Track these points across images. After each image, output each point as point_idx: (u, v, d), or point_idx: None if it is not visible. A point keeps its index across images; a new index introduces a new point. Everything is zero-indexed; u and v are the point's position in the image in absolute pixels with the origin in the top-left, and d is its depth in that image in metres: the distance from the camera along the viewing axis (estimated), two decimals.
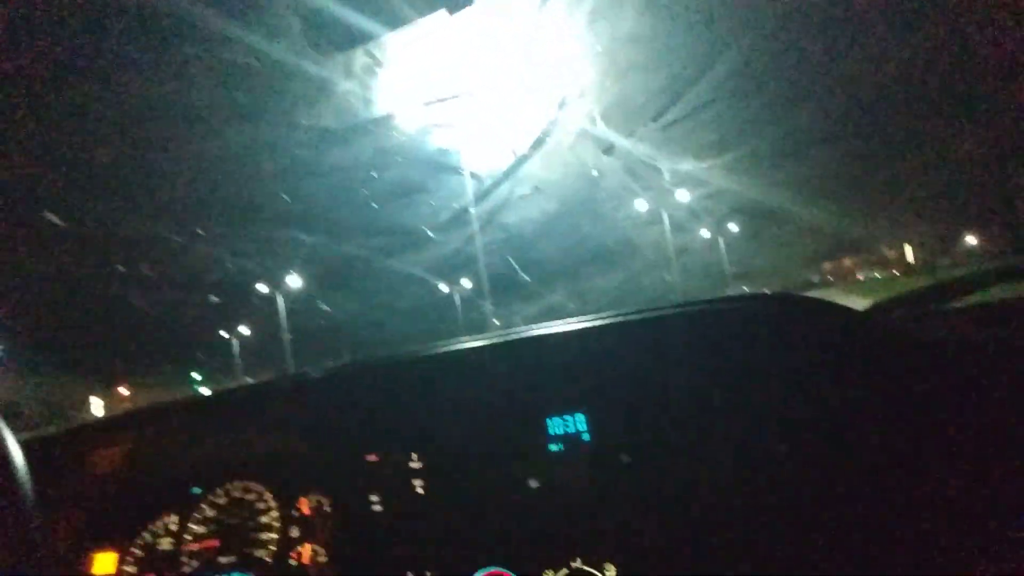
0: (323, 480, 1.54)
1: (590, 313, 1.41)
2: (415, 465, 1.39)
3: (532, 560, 1.26)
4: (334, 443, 1.51)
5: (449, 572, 1.32)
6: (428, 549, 1.35)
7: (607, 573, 1.21)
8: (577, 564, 1.23)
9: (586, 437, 1.29)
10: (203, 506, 1.66)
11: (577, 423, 1.29)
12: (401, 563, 1.36)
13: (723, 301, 1.34)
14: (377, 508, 1.42)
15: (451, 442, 1.39)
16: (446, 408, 1.43)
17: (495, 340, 1.41)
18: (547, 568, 1.24)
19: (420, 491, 1.38)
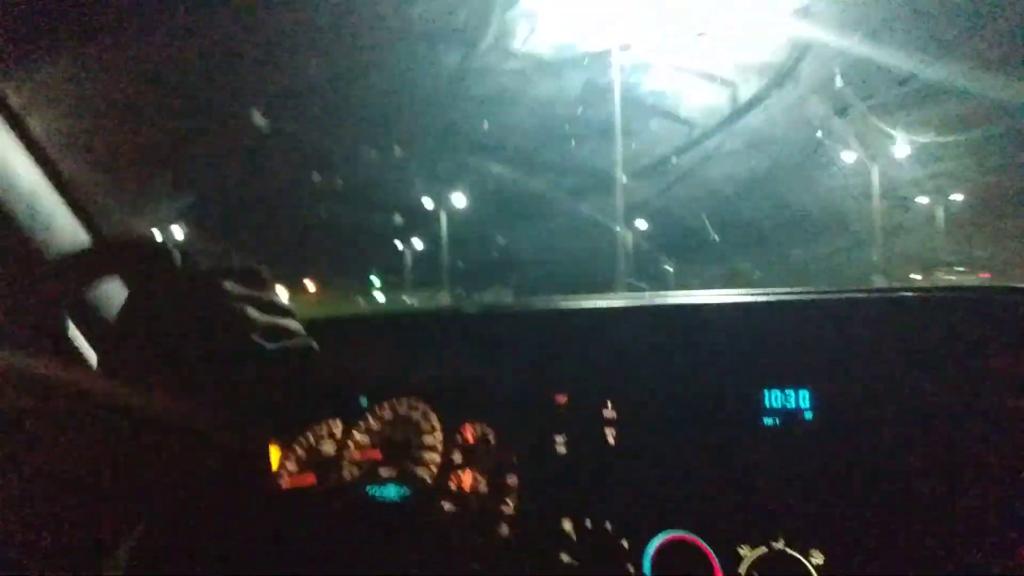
0: (496, 411, 1.50)
1: (777, 285, 1.30)
2: (609, 414, 1.34)
3: (727, 533, 1.19)
4: (517, 378, 1.47)
5: (631, 527, 1.26)
6: (611, 500, 1.30)
7: (813, 559, 1.12)
8: (780, 545, 1.15)
9: (808, 415, 1.19)
10: (368, 417, 1.66)
11: (800, 399, 1.19)
12: (579, 507, 1.32)
13: (974, 291, 1.20)
14: (560, 449, 1.37)
15: (653, 397, 1.32)
16: (652, 362, 1.35)
17: (718, 299, 1.31)
18: (743, 543, 1.17)
19: (611, 441, 1.33)
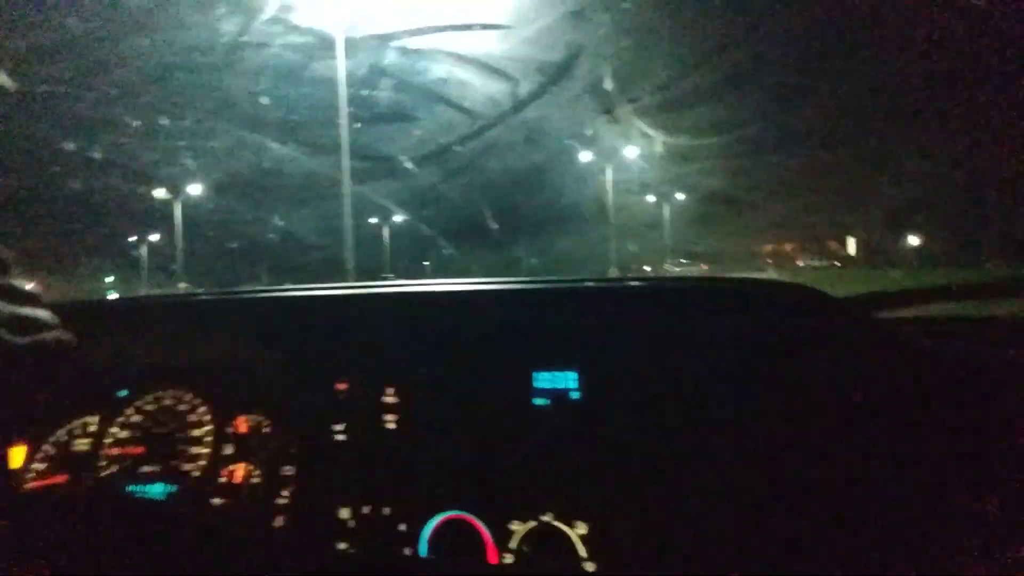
0: (271, 400, 1.45)
1: (549, 272, 1.38)
2: (389, 399, 1.33)
3: (499, 509, 1.24)
4: (295, 365, 1.42)
5: (408, 511, 1.28)
6: (390, 485, 1.30)
7: (577, 530, 1.20)
8: (547, 518, 1.21)
9: (575, 395, 1.26)
10: (128, 410, 1.55)
11: (568, 380, 1.26)
12: (356, 495, 1.31)
13: (725, 281, 1.34)
14: (339, 437, 1.35)
15: (431, 382, 1.33)
16: (429, 346, 1.36)
17: (492, 286, 1.35)
18: (514, 519, 1.22)
19: (390, 426, 1.33)
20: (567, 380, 1.27)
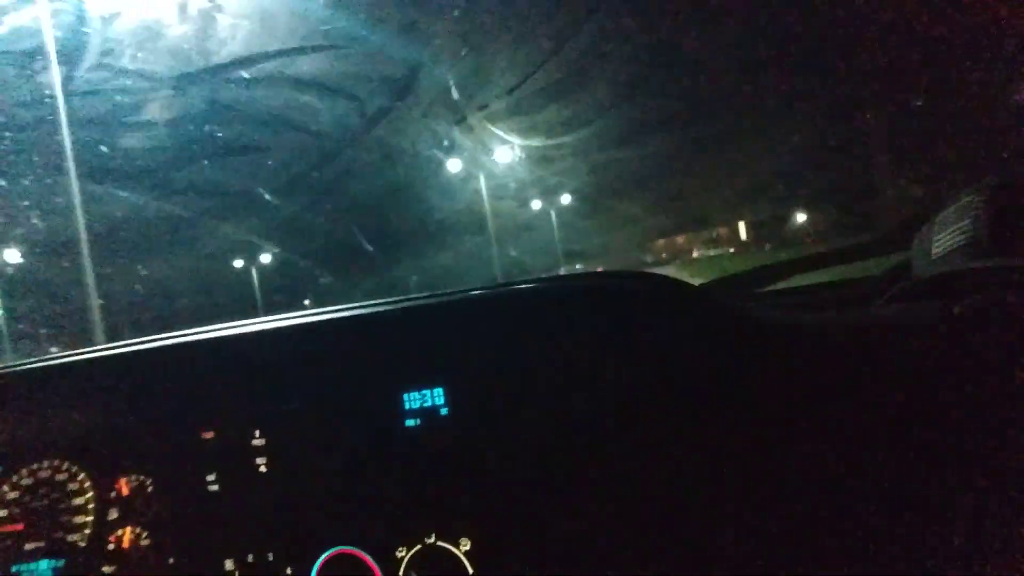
0: (147, 459, 1.40)
1: (432, 288, 1.36)
2: (257, 442, 1.29)
3: (384, 538, 1.21)
4: (162, 420, 1.37)
5: (295, 553, 1.24)
6: (271, 529, 1.27)
7: (462, 547, 1.18)
8: (432, 540, 1.19)
9: (444, 411, 1.24)
10: (5, 488, 1.48)
11: (435, 397, 1.24)
12: (239, 545, 1.27)
13: (576, 278, 1.34)
14: (212, 488, 1.30)
15: (299, 418, 1.30)
16: (294, 383, 1.33)
17: (347, 313, 1.32)
18: (400, 545, 1.20)
19: (263, 469, 1.28)
20: (434, 397, 1.24)
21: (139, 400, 1.42)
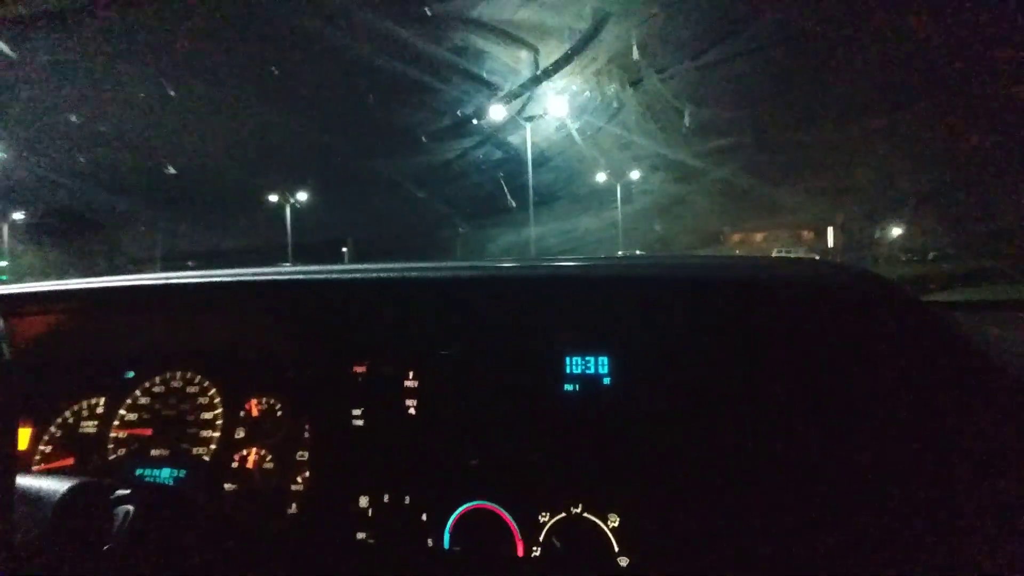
0: (287, 384, 1.39)
1: (574, 253, 1.30)
2: (410, 384, 1.27)
3: (528, 500, 1.18)
4: (312, 347, 1.36)
5: (431, 500, 1.22)
6: (412, 473, 1.24)
7: (610, 523, 1.14)
8: (578, 510, 1.16)
9: (607, 381, 1.19)
10: (136, 392, 1.49)
11: (599, 365, 1.19)
12: (376, 483, 1.25)
13: (776, 266, 1.25)
14: (357, 422, 1.29)
15: (456, 366, 1.27)
16: (456, 330, 1.30)
17: (520, 269, 1.28)
18: (544, 510, 1.16)
19: (412, 411, 1.26)
20: (599, 365, 1.20)
21: (291, 325, 1.41)
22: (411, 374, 1.27)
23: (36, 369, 1.48)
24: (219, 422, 1.43)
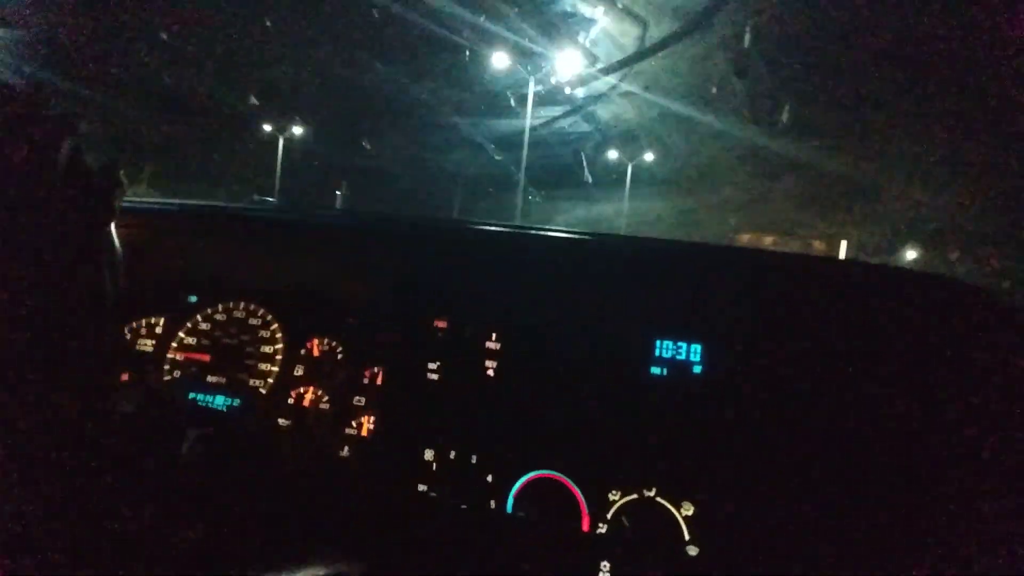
0: (352, 328, 1.37)
1: (639, 232, 1.28)
2: (492, 345, 1.24)
3: (599, 476, 1.17)
4: (396, 299, 1.33)
5: (499, 463, 1.21)
6: (483, 434, 1.23)
7: (684, 511, 1.13)
8: (651, 493, 1.15)
9: (697, 369, 1.17)
10: (197, 317, 1.47)
11: (691, 352, 1.17)
12: (444, 438, 1.24)
13: (872, 268, 1.23)
14: (432, 376, 1.27)
15: (540, 332, 1.24)
16: (543, 296, 1.27)
17: (621, 238, 1.25)
18: (615, 489, 1.15)
19: (491, 372, 1.24)
20: (691, 352, 1.18)
21: (372, 272, 1.38)
22: (494, 335, 1.25)
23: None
24: (278, 357, 1.42)
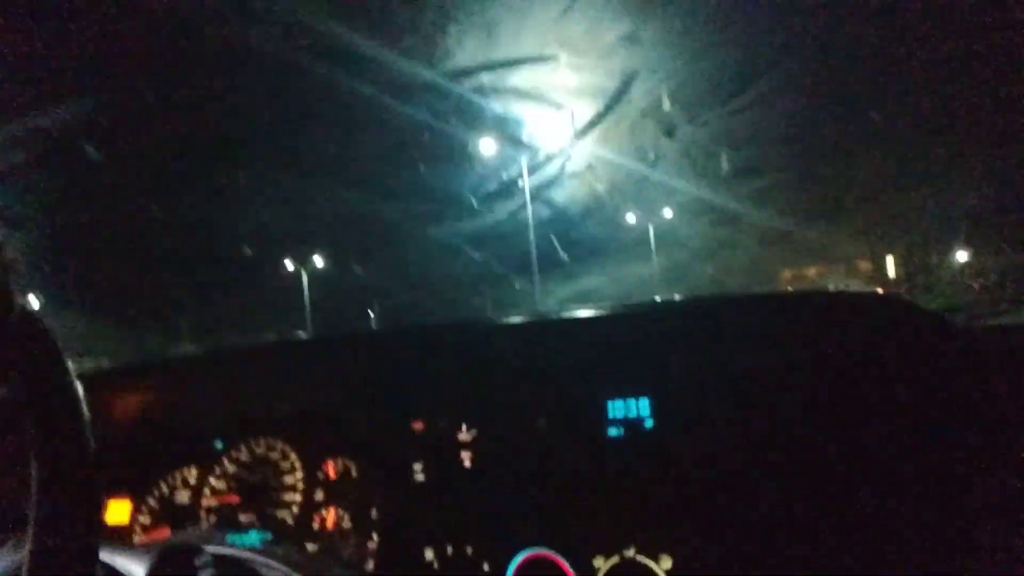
0: (355, 444, 1.47)
1: (628, 300, 1.34)
2: (464, 436, 1.33)
3: (583, 546, 1.21)
4: (375, 406, 1.44)
5: (491, 549, 1.26)
6: (470, 524, 1.29)
7: (663, 564, 1.15)
8: (631, 553, 1.17)
9: (649, 423, 1.22)
10: (224, 461, 1.60)
11: (640, 408, 1.23)
12: (440, 536, 1.31)
13: (807, 295, 1.27)
14: (418, 477, 1.35)
15: (505, 417, 1.33)
16: (502, 383, 1.36)
17: (558, 317, 1.34)
18: (599, 555, 1.19)
19: (468, 464, 1.32)
20: (639, 407, 1.23)
21: (353, 386, 1.49)
22: (464, 427, 1.33)
23: (131, 444, 1.61)
24: (299, 485, 1.52)
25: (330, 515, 1.47)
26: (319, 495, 1.50)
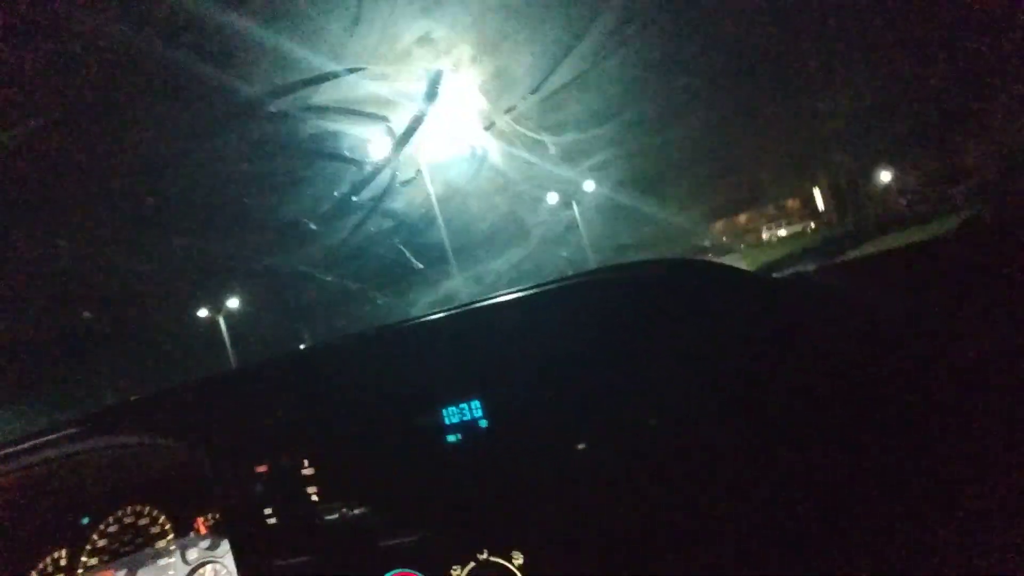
0: (216, 497, 1.43)
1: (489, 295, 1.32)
2: (307, 472, 1.29)
3: (438, 557, 1.19)
4: (223, 457, 1.40)
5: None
6: (330, 557, 1.27)
7: (515, 561, 1.14)
8: (484, 556, 1.16)
9: (483, 424, 1.20)
10: (94, 537, 1.55)
11: (473, 410, 1.21)
12: (302, 573, 1.27)
13: (612, 270, 1.28)
14: (271, 521, 1.31)
15: (344, 443, 1.30)
16: (335, 408, 1.33)
17: (376, 331, 1.32)
18: (455, 563, 1.17)
19: (315, 498, 1.28)
20: (472, 410, 1.21)
21: (197, 439, 1.45)
22: (306, 462, 1.29)
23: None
24: (172, 548, 1.48)
25: (207, 572, 1.44)
26: (192, 554, 1.46)
